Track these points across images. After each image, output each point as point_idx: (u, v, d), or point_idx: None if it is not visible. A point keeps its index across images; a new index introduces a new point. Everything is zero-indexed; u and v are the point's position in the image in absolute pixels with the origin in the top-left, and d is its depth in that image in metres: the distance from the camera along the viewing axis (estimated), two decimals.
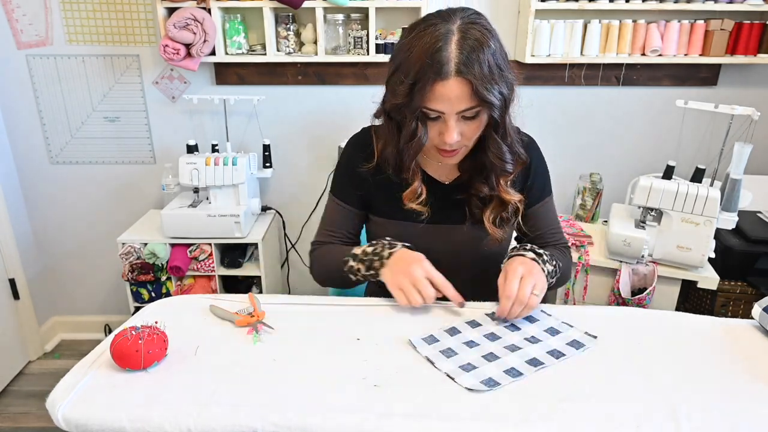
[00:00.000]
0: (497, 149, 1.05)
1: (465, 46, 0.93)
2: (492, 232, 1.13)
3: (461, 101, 0.95)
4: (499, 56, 0.96)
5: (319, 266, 1.23)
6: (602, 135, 2.26)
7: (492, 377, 0.86)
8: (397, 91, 0.99)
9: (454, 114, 0.97)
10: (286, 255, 2.49)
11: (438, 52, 0.93)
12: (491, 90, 0.94)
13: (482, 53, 0.93)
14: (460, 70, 0.93)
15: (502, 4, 2.08)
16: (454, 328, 0.99)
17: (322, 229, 1.26)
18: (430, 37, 0.94)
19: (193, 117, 2.25)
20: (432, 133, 1.03)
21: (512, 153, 1.08)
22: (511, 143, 1.07)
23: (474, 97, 0.95)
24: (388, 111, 1.06)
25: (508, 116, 1.03)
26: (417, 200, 1.13)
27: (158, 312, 1.05)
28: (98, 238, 2.42)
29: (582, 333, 0.99)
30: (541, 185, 1.21)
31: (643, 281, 1.79)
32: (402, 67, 0.98)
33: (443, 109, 0.97)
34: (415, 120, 1.00)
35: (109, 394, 0.82)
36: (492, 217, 1.14)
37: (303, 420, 0.77)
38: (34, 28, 2.11)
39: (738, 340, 0.98)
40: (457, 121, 0.99)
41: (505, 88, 0.97)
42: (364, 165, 1.16)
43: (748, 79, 2.16)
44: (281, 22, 2.05)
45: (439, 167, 1.18)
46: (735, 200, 1.72)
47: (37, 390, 2.23)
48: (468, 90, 0.94)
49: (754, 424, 0.77)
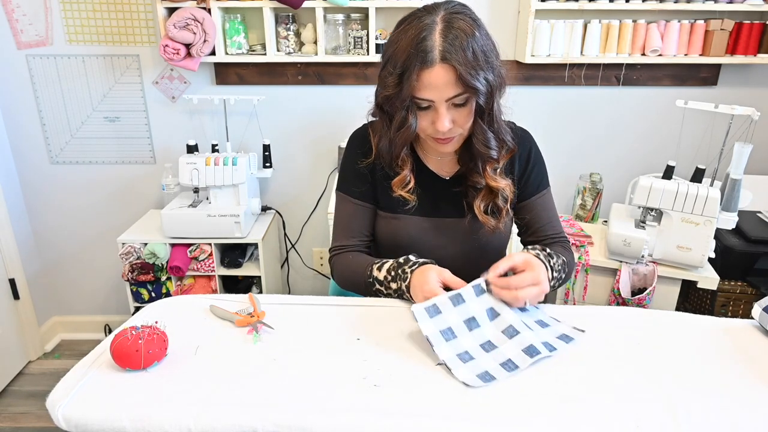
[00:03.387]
0: (482, 135, 1.06)
1: (449, 34, 0.96)
2: (484, 221, 1.14)
3: (448, 88, 0.97)
4: (483, 44, 0.99)
5: (341, 278, 1.22)
6: (602, 135, 2.26)
7: (488, 371, 0.86)
8: (387, 82, 1.02)
9: (444, 102, 1.00)
10: (286, 255, 2.49)
11: (422, 41, 0.96)
12: (475, 76, 0.96)
13: (465, 41, 0.96)
14: (444, 56, 0.95)
15: (502, 4, 2.08)
16: (459, 295, 0.96)
17: (337, 234, 1.24)
18: (415, 28, 0.98)
19: (193, 117, 2.25)
20: (425, 122, 1.04)
21: (498, 140, 1.09)
22: (498, 130, 1.08)
23: (459, 83, 0.97)
24: (380, 104, 1.08)
25: (496, 103, 1.04)
26: (405, 188, 1.15)
27: (158, 312, 1.05)
28: (98, 238, 2.42)
29: (570, 327, 0.99)
30: (538, 177, 1.21)
31: (643, 281, 1.79)
32: (391, 59, 1.01)
33: (432, 97, 0.99)
34: (405, 109, 1.02)
35: (109, 394, 0.82)
36: (483, 205, 1.14)
37: (303, 420, 0.77)
38: (34, 28, 2.11)
39: (738, 340, 0.98)
40: (448, 109, 1.01)
41: (491, 74, 0.99)
42: (363, 160, 1.18)
43: (748, 79, 2.16)
44: (281, 22, 2.05)
45: (440, 162, 1.19)
46: (735, 200, 1.72)
47: (37, 390, 2.23)
48: (453, 76, 0.96)
49: (754, 424, 0.77)
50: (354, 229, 1.22)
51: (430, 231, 1.18)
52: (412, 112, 1.03)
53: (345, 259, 1.21)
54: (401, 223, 1.19)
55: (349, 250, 1.22)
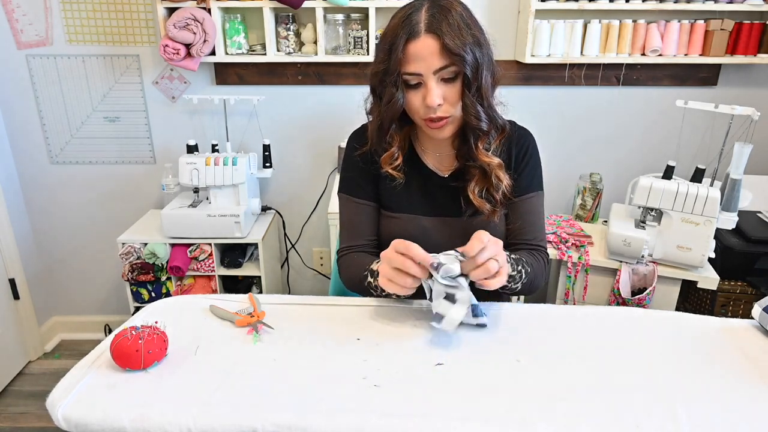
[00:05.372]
0: (473, 108, 1.05)
1: (434, 10, 1.01)
2: (479, 204, 1.13)
3: (434, 58, 1.00)
4: (470, 22, 1.02)
5: (346, 279, 1.22)
6: (602, 135, 2.26)
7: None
8: (377, 59, 1.06)
9: (432, 75, 1.01)
10: (286, 255, 2.49)
11: (409, 17, 1.01)
12: (461, 46, 0.99)
13: (450, 15, 1.00)
14: (429, 28, 0.99)
15: (502, 4, 2.09)
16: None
17: (343, 236, 1.25)
18: (403, 11, 1.04)
19: (193, 117, 2.25)
20: (417, 101, 1.05)
21: (488, 115, 1.08)
22: (488, 107, 1.08)
23: (445, 52, 0.99)
24: (373, 86, 1.10)
25: (484, 80, 1.04)
26: (392, 165, 1.16)
27: (158, 312, 1.05)
28: (98, 238, 2.42)
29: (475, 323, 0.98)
30: (529, 177, 1.20)
31: (643, 281, 1.79)
32: (381, 40, 1.06)
33: (419, 69, 1.01)
34: (394, 85, 1.04)
35: (109, 394, 0.82)
36: (477, 190, 1.14)
37: (303, 420, 0.77)
38: (34, 28, 2.11)
39: (738, 340, 0.98)
40: (437, 83, 1.02)
41: (478, 51, 1.01)
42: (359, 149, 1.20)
43: (748, 79, 2.16)
44: (281, 22, 2.05)
45: (438, 158, 1.20)
46: (735, 200, 1.72)
47: (37, 390, 2.23)
48: (438, 45, 0.99)
49: (754, 424, 0.77)
50: (358, 229, 1.22)
51: (429, 230, 1.18)
52: (400, 89, 1.05)
53: (349, 260, 1.21)
54: (402, 221, 1.19)
55: (354, 251, 1.22)
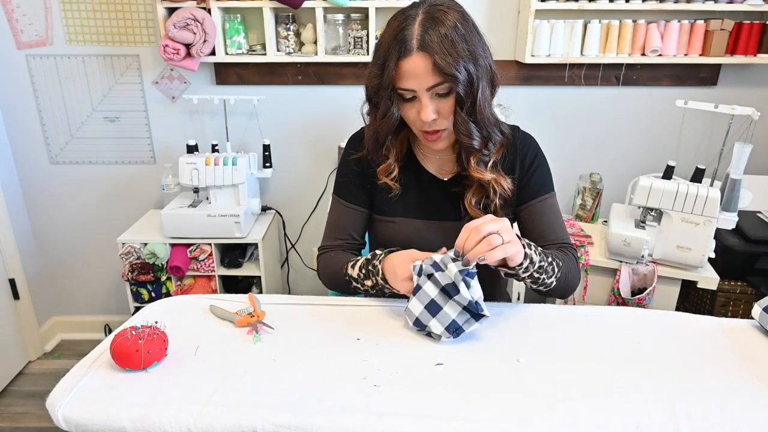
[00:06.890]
0: (463, 126, 1.04)
1: (428, 25, 0.98)
2: (474, 215, 1.12)
3: (427, 76, 0.98)
4: (466, 36, 0.99)
5: (325, 275, 1.23)
6: (602, 135, 2.26)
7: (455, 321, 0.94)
8: (372, 73, 1.04)
9: (426, 91, 1.00)
10: (286, 255, 2.49)
11: (402, 31, 0.98)
12: (453, 64, 0.97)
13: (444, 29, 0.97)
14: (421, 45, 0.97)
15: (502, 4, 2.08)
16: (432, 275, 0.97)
17: (327, 234, 1.26)
18: (398, 20, 1.01)
19: (193, 117, 2.25)
20: (412, 114, 1.05)
21: (481, 132, 1.06)
22: (482, 123, 1.05)
23: (436, 71, 0.97)
24: (369, 96, 1.10)
25: (480, 94, 1.02)
26: (389, 176, 1.16)
27: (158, 312, 1.05)
28: (98, 238, 2.42)
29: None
30: (540, 181, 1.19)
31: (643, 281, 1.79)
32: (376, 51, 1.04)
33: (413, 86, 1.00)
34: (388, 99, 1.03)
35: (109, 394, 0.82)
36: (474, 200, 1.14)
37: (303, 420, 0.77)
38: (34, 28, 2.11)
39: (738, 340, 0.99)
40: (431, 99, 1.01)
41: (473, 66, 0.99)
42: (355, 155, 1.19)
43: (748, 79, 2.16)
44: (281, 22, 2.05)
45: (439, 163, 1.19)
46: (735, 200, 1.72)
47: (37, 390, 2.23)
48: (430, 64, 0.97)
49: (754, 424, 0.77)
50: (341, 230, 1.23)
51: (426, 233, 1.17)
52: (395, 102, 1.04)
53: (327, 258, 1.22)
54: (397, 226, 1.19)
55: (332, 250, 1.23)
